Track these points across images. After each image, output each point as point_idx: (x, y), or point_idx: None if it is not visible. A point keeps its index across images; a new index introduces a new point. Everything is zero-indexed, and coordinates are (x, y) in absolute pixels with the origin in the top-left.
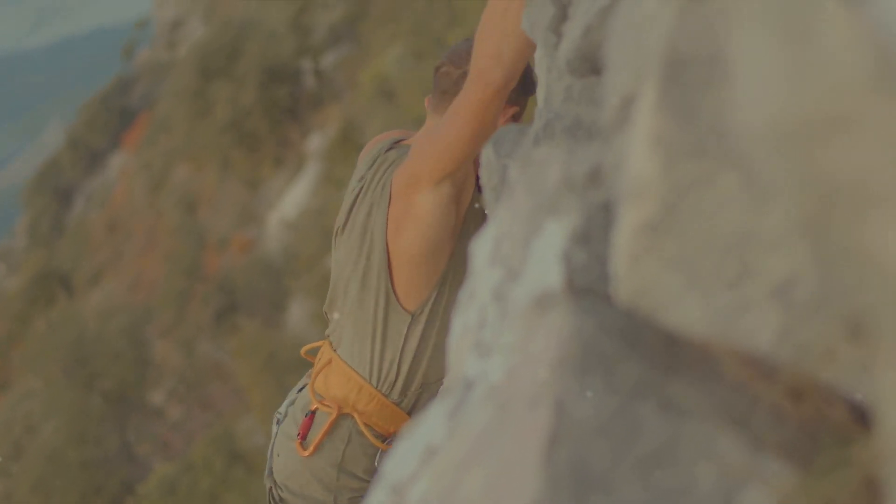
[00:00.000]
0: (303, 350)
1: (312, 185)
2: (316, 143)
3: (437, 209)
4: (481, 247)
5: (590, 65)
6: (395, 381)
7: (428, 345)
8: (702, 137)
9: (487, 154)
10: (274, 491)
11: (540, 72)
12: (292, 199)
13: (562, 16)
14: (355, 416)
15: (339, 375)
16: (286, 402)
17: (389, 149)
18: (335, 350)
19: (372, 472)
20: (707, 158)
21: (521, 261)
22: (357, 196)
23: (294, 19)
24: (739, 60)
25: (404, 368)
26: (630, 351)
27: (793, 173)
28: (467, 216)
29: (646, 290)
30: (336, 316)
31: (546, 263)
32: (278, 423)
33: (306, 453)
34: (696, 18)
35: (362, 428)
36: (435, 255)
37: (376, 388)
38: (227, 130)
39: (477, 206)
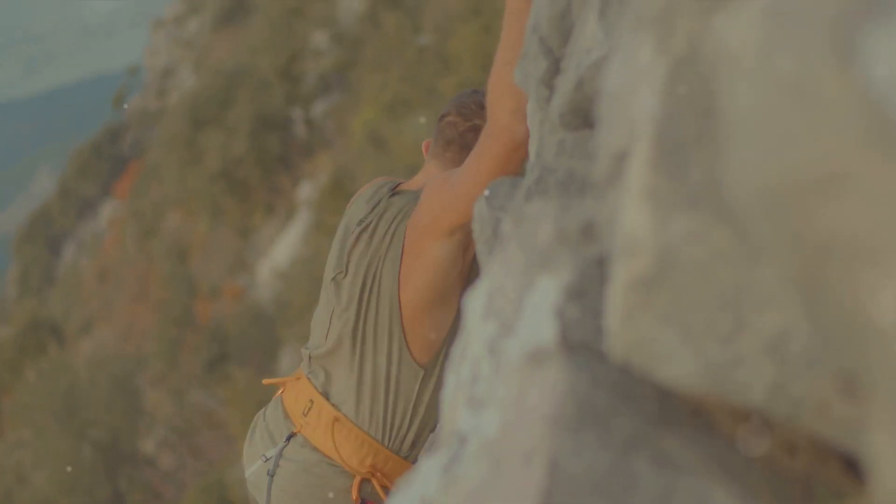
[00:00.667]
0: (266, 381)
1: (303, 233)
2: (307, 191)
3: (448, 258)
4: (474, 301)
5: (582, 118)
6: (406, 435)
7: (437, 398)
8: (694, 193)
9: (480, 207)
10: None
11: (532, 125)
12: (284, 247)
13: (554, 69)
14: (374, 481)
15: (351, 439)
16: (273, 449)
17: (392, 194)
18: (330, 400)
19: None
20: (700, 214)
21: (514, 315)
22: (358, 239)
23: (285, 68)
24: (732, 117)
25: (416, 423)
26: (624, 406)
27: (786, 230)
28: (472, 267)
29: (639, 346)
30: (330, 367)
31: (539, 318)
32: (269, 474)
33: None
34: (689, 73)
35: (380, 492)
36: (443, 305)
37: (388, 447)
38: (218, 178)
39: None
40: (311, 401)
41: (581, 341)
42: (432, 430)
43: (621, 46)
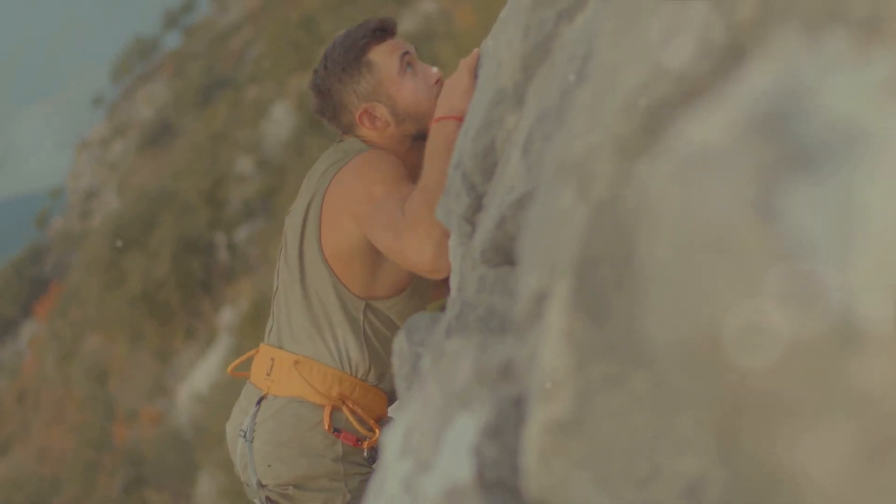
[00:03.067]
0: (230, 368)
1: (223, 358)
2: (228, 316)
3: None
4: (392, 438)
5: (504, 255)
6: (368, 368)
7: (391, 330)
8: (613, 337)
9: (400, 342)
10: (272, 497)
11: (454, 260)
12: (203, 372)
13: (477, 205)
14: (345, 409)
15: (314, 374)
16: (247, 419)
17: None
18: (287, 349)
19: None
20: (618, 359)
21: (431, 453)
22: (306, 182)
23: (209, 192)
24: (651, 266)
25: (373, 354)
26: None
27: (703, 380)
28: None
29: (555, 487)
30: (283, 316)
31: (457, 456)
32: (245, 437)
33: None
34: (610, 219)
35: (352, 420)
36: (370, 253)
37: (353, 374)
38: (139, 302)
39: None
40: (272, 358)
41: (497, 480)
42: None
43: (544, 187)
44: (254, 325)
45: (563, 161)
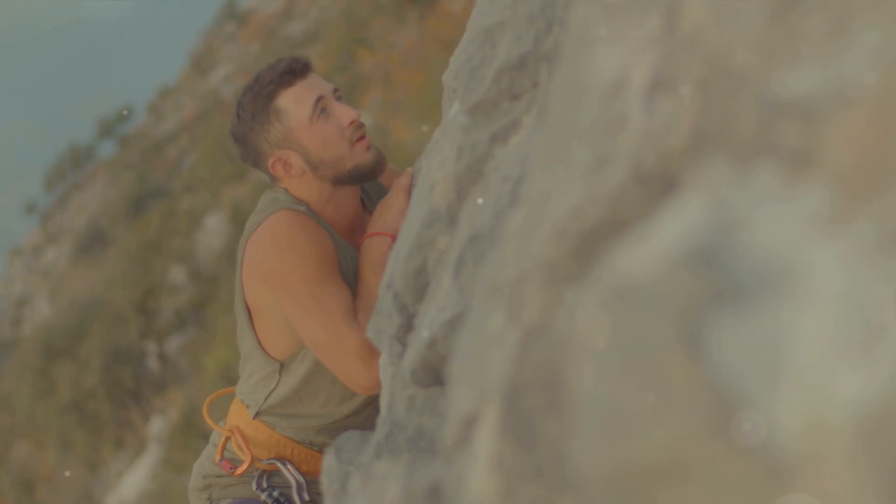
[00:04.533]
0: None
1: (153, 469)
2: (157, 426)
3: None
4: None
5: (434, 376)
6: (269, 410)
7: (304, 387)
8: (542, 462)
9: (329, 460)
10: None
11: (384, 379)
12: (132, 482)
13: (408, 325)
14: (232, 439)
15: (234, 408)
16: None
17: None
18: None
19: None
20: (546, 484)
21: None
22: None
23: (140, 302)
24: (579, 395)
25: (276, 402)
26: None
27: None
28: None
29: None
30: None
31: None
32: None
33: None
34: (540, 345)
35: (237, 451)
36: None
37: (253, 416)
38: (69, 411)
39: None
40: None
41: None
42: (295, 413)
43: (475, 309)
44: (184, 435)
45: (495, 284)
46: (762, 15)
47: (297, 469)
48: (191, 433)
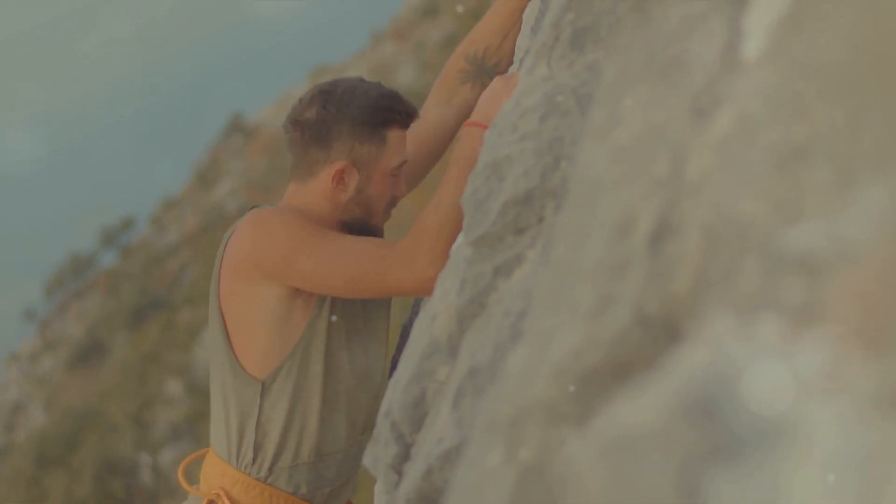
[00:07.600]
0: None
1: None
2: None
3: (274, 305)
4: None
5: None
6: (257, 455)
7: (291, 416)
8: None
9: None
10: None
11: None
12: None
13: (405, 454)
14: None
15: (209, 466)
16: None
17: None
18: (211, 444)
19: None
20: None
21: None
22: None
23: (135, 414)
24: None
25: (266, 442)
26: None
27: None
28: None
29: None
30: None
31: None
32: None
33: None
34: (537, 484)
35: None
36: (275, 324)
37: (238, 468)
38: None
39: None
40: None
41: None
42: (295, 456)
43: (473, 442)
44: None
45: (494, 419)
46: (769, 165)
47: None
48: None
